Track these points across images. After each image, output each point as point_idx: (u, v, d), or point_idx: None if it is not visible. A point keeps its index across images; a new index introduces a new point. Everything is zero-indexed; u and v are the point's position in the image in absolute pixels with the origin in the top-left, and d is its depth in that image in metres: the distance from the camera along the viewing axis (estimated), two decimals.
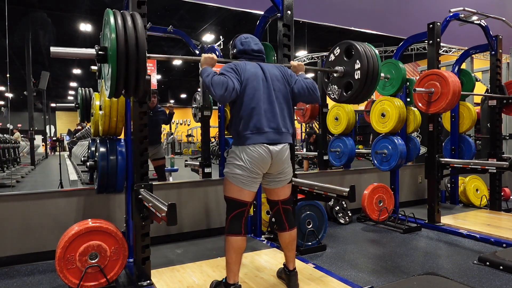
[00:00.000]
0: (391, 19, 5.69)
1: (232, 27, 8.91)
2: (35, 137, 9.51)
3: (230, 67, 2.12)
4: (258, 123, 2.08)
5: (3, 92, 8.90)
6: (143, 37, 1.82)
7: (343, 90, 2.66)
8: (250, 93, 2.09)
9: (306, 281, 2.39)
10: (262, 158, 2.08)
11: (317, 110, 4.87)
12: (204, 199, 3.61)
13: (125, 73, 1.78)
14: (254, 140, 2.07)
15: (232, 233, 2.12)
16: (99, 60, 1.88)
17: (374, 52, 2.57)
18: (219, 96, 1.99)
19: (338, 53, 2.67)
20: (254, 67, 2.18)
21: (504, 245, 3.19)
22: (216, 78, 2.00)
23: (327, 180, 4.27)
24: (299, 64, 2.42)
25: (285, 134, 2.18)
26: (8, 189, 5.92)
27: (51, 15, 8.28)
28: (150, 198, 2.15)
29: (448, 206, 4.78)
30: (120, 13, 1.86)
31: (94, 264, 2.31)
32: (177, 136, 16.71)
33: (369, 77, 2.52)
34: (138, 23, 1.84)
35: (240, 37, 2.34)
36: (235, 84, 2.04)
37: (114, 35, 1.74)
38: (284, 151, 2.16)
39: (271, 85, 2.16)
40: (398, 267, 2.78)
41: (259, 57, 2.31)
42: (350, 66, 2.57)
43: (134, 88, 1.85)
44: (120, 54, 1.75)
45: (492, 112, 4.36)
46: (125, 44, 1.76)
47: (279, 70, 2.26)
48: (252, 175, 2.10)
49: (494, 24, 4.47)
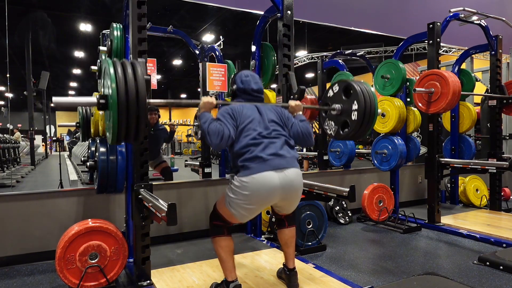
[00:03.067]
0: (391, 19, 5.69)
1: (232, 27, 8.90)
2: (35, 137, 9.50)
3: (227, 112, 2.10)
4: (259, 153, 2.01)
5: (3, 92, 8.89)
6: (143, 86, 1.85)
7: (340, 127, 2.66)
8: (246, 134, 2.06)
9: (306, 281, 2.39)
10: (267, 190, 1.98)
11: (317, 113, 4.87)
12: (204, 199, 3.61)
13: (126, 121, 1.82)
14: (257, 169, 1.97)
15: (215, 235, 2.18)
16: (101, 108, 1.91)
17: (371, 92, 2.58)
18: (215, 144, 2.00)
19: (337, 90, 2.67)
20: (251, 110, 2.16)
21: (504, 245, 3.19)
22: (212, 127, 2.01)
23: (327, 180, 4.27)
24: (297, 105, 2.40)
25: (290, 158, 2.08)
26: (8, 189, 5.91)
27: (51, 15, 8.27)
28: (150, 198, 2.15)
29: (448, 206, 4.78)
30: (120, 62, 1.90)
31: (94, 264, 2.31)
32: (177, 136, 16.71)
33: (365, 119, 2.52)
34: (138, 72, 1.88)
35: (241, 75, 2.32)
36: (231, 132, 2.03)
37: (114, 85, 1.79)
38: (296, 177, 2.06)
39: (269, 127, 2.13)
40: (398, 267, 2.78)
41: (258, 98, 2.30)
42: (347, 105, 2.57)
43: (135, 135, 1.88)
44: (120, 103, 1.79)
45: (492, 112, 4.36)
46: (125, 93, 1.80)
47: (276, 113, 2.23)
48: (250, 213, 2.07)
49: (494, 24, 4.47)
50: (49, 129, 12.83)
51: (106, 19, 5.10)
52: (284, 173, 2.02)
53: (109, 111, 1.86)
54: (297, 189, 2.11)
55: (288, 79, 2.95)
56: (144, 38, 2.36)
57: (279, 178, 2.00)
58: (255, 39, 3.48)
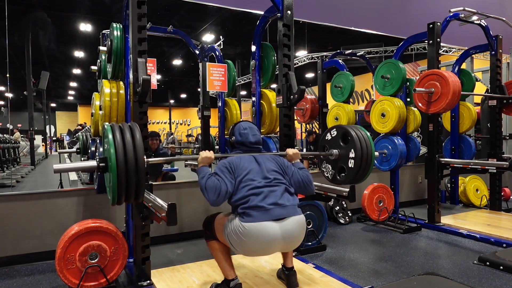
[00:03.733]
0: (391, 19, 5.69)
1: (232, 27, 8.90)
2: (35, 137, 9.50)
3: (225, 166, 2.10)
4: (259, 203, 1.99)
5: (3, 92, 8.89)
6: (142, 150, 1.88)
7: (337, 172, 2.67)
8: (246, 185, 2.05)
9: (306, 281, 2.39)
10: (267, 242, 1.96)
11: (317, 110, 4.87)
12: (204, 199, 3.60)
13: (125, 183, 1.84)
14: (258, 218, 1.95)
15: (209, 239, 2.22)
16: (101, 171, 1.94)
17: (368, 140, 2.57)
18: (212, 200, 2.00)
19: (334, 135, 2.67)
20: (249, 162, 2.16)
21: (504, 245, 3.19)
22: (209, 183, 2.01)
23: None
24: (295, 153, 2.40)
25: (291, 207, 2.05)
26: (8, 189, 5.91)
27: (51, 15, 8.27)
28: (150, 198, 2.15)
29: (448, 206, 4.78)
30: (119, 126, 1.92)
31: (94, 264, 2.31)
32: (177, 136, 16.72)
33: (362, 166, 2.52)
34: (136, 136, 1.90)
35: (239, 127, 2.33)
36: (228, 187, 2.02)
37: (113, 150, 1.82)
38: (296, 227, 2.02)
39: (269, 177, 2.12)
40: (398, 267, 2.78)
41: (256, 149, 2.31)
42: (344, 151, 2.58)
43: (135, 196, 1.90)
44: (120, 167, 1.81)
45: (492, 112, 4.36)
46: (123, 156, 1.83)
47: (275, 162, 2.23)
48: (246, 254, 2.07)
49: (494, 24, 4.47)
50: (49, 129, 12.83)
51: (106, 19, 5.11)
52: (285, 224, 1.99)
53: (109, 174, 1.89)
54: (298, 238, 2.08)
55: (288, 79, 2.95)
56: (144, 38, 2.36)
57: (280, 229, 1.97)
58: (255, 39, 3.48)
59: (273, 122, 3.45)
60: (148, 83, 2.21)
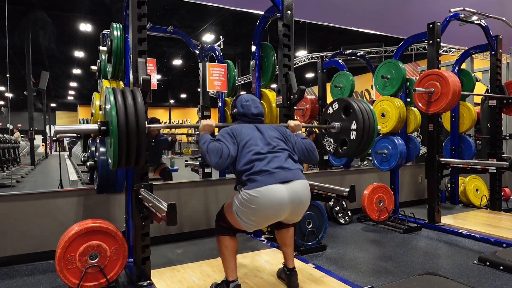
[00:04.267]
0: (391, 19, 5.69)
1: (232, 27, 8.90)
2: (35, 137, 9.50)
3: (226, 132, 2.11)
4: (264, 167, 1.97)
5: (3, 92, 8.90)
6: (143, 113, 1.88)
7: (339, 145, 2.66)
8: (250, 150, 2.05)
9: (306, 281, 2.39)
10: (276, 204, 1.94)
11: (317, 110, 4.87)
12: (204, 199, 3.61)
13: (126, 147, 1.84)
14: (264, 182, 1.93)
15: (221, 233, 2.17)
16: (102, 135, 1.93)
17: (370, 112, 2.57)
18: (215, 163, 1.99)
19: (336, 108, 2.67)
20: (251, 129, 2.16)
21: (504, 245, 3.19)
22: (212, 146, 2.01)
23: (327, 180, 4.27)
24: (296, 125, 2.41)
25: (295, 170, 2.05)
26: (8, 189, 5.91)
27: (51, 15, 8.27)
28: (150, 198, 2.15)
29: (448, 206, 4.78)
30: (121, 90, 1.92)
31: (94, 264, 2.31)
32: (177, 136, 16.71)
33: (364, 138, 2.53)
34: (138, 100, 1.90)
35: (241, 99, 2.32)
36: (230, 150, 2.02)
37: (114, 112, 1.81)
38: (303, 189, 2.02)
39: (270, 142, 2.12)
40: (398, 267, 2.78)
41: (258, 120, 2.30)
42: (346, 124, 2.57)
43: (135, 161, 1.89)
44: (121, 130, 1.81)
45: (492, 112, 4.36)
46: (125, 120, 1.83)
47: (277, 131, 2.24)
48: (258, 224, 2.04)
49: (494, 24, 4.47)
50: (49, 129, 12.84)
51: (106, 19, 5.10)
52: (291, 186, 1.98)
53: (110, 138, 1.88)
54: (305, 202, 2.05)
55: (288, 79, 2.95)
56: (144, 38, 2.36)
57: (287, 191, 1.95)
58: (255, 39, 3.48)
59: (273, 122, 3.46)
60: (148, 83, 2.21)
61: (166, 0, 7.45)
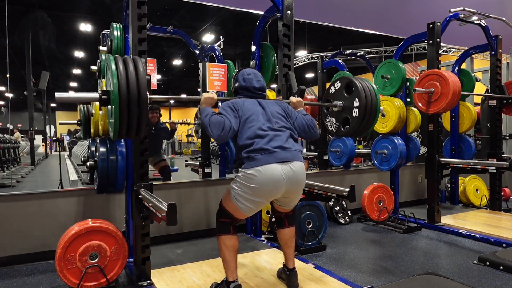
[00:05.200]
0: (391, 19, 5.69)
1: (232, 27, 8.90)
2: (35, 137, 9.50)
3: (228, 106, 2.11)
4: (264, 146, 2.01)
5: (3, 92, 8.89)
6: (144, 82, 1.87)
7: (341, 124, 2.66)
8: (250, 126, 2.06)
9: (306, 281, 2.39)
10: (274, 183, 1.98)
11: (317, 110, 4.87)
12: (204, 199, 3.61)
13: (127, 116, 1.82)
14: (263, 161, 1.97)
15: (222, 233, 2.16)
16: (103, 104, 1.92)
17: (373, 89, 2.56)
18: (217, 135, 2.00)
19: (338, 87, 2.66)
20: (253, 104, 2.17)
21: (504, 245, 3.19)
22: (213, 119, 2.01)
23: (327, 180, 4.27)
24: (298, 101, 2.42)
25: (295, 152, 2.09)
26: (8, 189, 5.91)
27: (51, 15, 8.27)
28: (150, 198, 2.15)
29: (448, 206, 4.78)
30: (122, 58, 1.91)
31: (94, 264, 2.31)
32: (177, 136, 16.71)
33: (367, 115, 2.52)
34: (140, 68, 1.89)
35: (243, 72, 2.32)
36: (232, 123, 2.03)
37: (116, 80, 1.80)
38: (300, 170, 2.07)
39: (271, 118, 2.13)
40: (398, 267, 2.78)
41: (260, 95, 2.30)
42: (349, 102, 2.57)
43: (136, 130, 1.89)
44: (122, 99, 1.80)
45: (492, 112, 4.36)
46: (126, 89, 1.82)
47: (278, 106, 2.25)
48: (256, 206, 2.06)
49: (494, 24, 4.47)
50: (49, 129, 12.84)
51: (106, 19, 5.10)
52: (289, 166, 2.02)
53: (111, 107, 1.86)
54: (301, 182, 2.10)
55: (288, 79, 2.95)
56: (144, 38, 2.36)
57: (285, 170, 2.00)
58: (255, 39, 3.48)
59: None
60: (148, 82, 2.21)
61: (166, 0, 7.45)
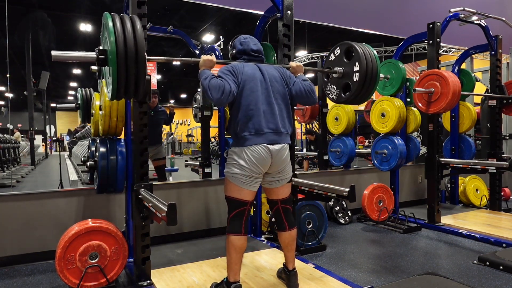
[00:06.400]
0: (391, 19, 5.69)
1: (232, 27, 8.90)
2: (35, 137, 9.50)
3: (227, 69, 2.13)
4: (257, 124, 2.10)
5: (3, 92, 8.89)
6: (142, 40, 1.85)
7: (342, 91, 2.67)
8: (248, 94, 2.11)
9: (306, 281, 2.39)
10: (262, 158, 2.09)
11: (317, 110, 4.87)
12: (204, 199, 3.61)
13: (125, 75, 1.80)
14: (253, 141, 2.08)
15: (232, 232, 2.13)
16: (100, 64, 1.90)
17: (373, 54, 2.57)
18: (216, 99, 2.02)
19: (338, 53, 2.67)
20: (252, 69, 2.19)
21: (504, 245, 3.19)
22: (213, 82, 2.02)
23: (327, 180, 4.27)
24: (298, 66, 2.43)
25: (284, 135, 2.20)
26: (8, 189, 5.91)
27: (51, 15, 8.27)
28: (150, 198, 2.15)
29: (448, 206, 4.78)
30: (119, 16, 1.88)
31: (94, 264, 2.31)
32: (177, 136, 16.71)
33: (367, 79, 2.53)
34: (137, 26, 1.86)
35: (240, 38, 2.36)
36: (232, 87, 2.05)
37: (113, 38, 1.76)
38: (283, 150, 2.18)
39: (269, 86, 2.18)
40: (398, 267, 2.78)
41: (258, 58, 2.32)
42: (349, 68, 2.58)
43: (134, 90, 1.86)
44: (120, 57, 1.77)
45: (492, 112, 4.36)
46: (124, 47, 1.78)
47: (277, 71, 2.28)
48: (252, 175, 2.11)
49: (494, 24, 4.47)
50: (49, 129, 12.84)
51: None
52: (276, 147, 2.13)
53: (108, 67, 1.83)
54: (285, 159, 2.20)
55: None
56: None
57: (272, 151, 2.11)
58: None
59: None
60: (148, 83, 2.21)
61: (166, 0, 7.45)
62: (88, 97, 3.25)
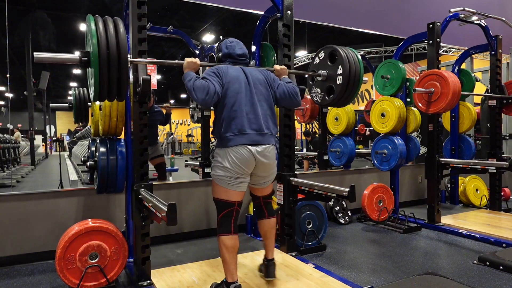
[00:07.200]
0: (391, 19, 5.69)
1: (232, 27, 8.90)
2: (35, 137, 9.50)
3: (212, 71, 2.14)
4: (240, 125, 2.11)
5: (3, 92, 8.89)
6: (125, 42, 1.86)
7: (326, 93, 2.69)
8: (232, 95, 2.12)
9: (306, 281, 2.39)
10: (245, 159, 2.11)
11: (317, 110, 4.87)
12: (204, 199, 3.61)
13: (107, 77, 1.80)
14: (236, 141, 2.10)
15: (222, 232, 2.17)
16: (83, 65, 1.91)
17: (357, 58, 2.59)
18: (201, 100, 2.04)
19: (322, 57, 2.70)
20: (237, 71, 2.20)
21: (504, 245, 3.19)
22: (197, 83, 2.04)
23: (327, 180, 4.27)
24: (282, 68, 2.45)
25: (267, 136, 2.20)
26: (8, 189, 5.91)
27: (51, 15, 8.27)
28: (150, 198, 2.15)
29: (448, 206, 4.78)
30: (102, 19, 1.89)
31: (94, 264, 2.31)
32: (177, 136, 16.70)
33: (350, 83, 2.56)
34: (120, 29, 1.88)
35: (225, 41, 2.36)
36: (216, 88, 2.07)
37: (95, 40, 1.78)
38: (267, 152, 2.18)
39: (253, 88, 2.19)
40: (398, 267, 2.78)
41: (243, 61, 2.33)
42: (333, 71, 2.60)
43: (117, 92, 1.87)
44: (102, 59, 1.79)
45: (492, 112, 4.36)
46: (106, 49, 1.80)
47: (262, 74, 2.29)
48: (237, 176, 2.13)
49: (494, 24, 4.48)
50: (49, 129, 12.84)
51: None
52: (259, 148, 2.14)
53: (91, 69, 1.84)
54: (271, 160, 2.21)
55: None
56: (144, 38, 2.36)
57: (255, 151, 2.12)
58: (255, 39, 3.48)
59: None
60: (148, 83, 2.21)
61: (166, 0, 7.45)
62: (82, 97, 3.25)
